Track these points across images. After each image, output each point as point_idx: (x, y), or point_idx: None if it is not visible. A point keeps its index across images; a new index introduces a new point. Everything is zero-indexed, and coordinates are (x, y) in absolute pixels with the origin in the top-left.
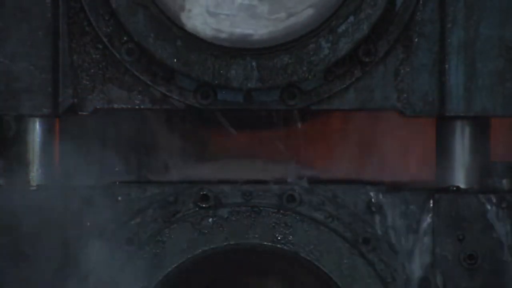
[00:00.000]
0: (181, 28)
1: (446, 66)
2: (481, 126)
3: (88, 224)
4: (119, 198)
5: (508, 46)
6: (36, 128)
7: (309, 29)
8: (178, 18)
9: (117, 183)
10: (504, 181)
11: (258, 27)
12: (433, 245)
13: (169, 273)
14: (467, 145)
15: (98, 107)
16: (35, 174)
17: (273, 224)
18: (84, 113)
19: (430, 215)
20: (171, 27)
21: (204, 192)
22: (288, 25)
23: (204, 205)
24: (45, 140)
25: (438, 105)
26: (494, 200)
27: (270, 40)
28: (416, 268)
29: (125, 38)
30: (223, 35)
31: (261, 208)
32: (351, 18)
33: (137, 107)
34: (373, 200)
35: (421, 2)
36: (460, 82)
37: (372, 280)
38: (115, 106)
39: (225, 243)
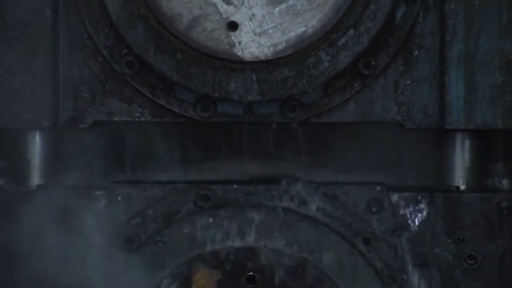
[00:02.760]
0: (241, 61)
1: (446, 78)
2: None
3: (88, 224)
4: (119, 198)
5: (508, 58)
6: (36, 140)
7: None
8: (234, 55)
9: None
10: (504, 181)
11: (308, 21)
12: (433, 245)
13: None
14: (467, 157)
15: (98, 119)
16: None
17: (274, 224)
18: (84, 126)
19: (430, 215)
20: (171, 40)
21: (204, 192)
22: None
23: (204, 205)
24: (45, 151)
25: (438, 117)
26: (494, 200)
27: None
28: (416, 268)
29: (125, 51)
30: (281, 46)
31: (261, 208)
32: (351, 31)
33: (137, 119)
34: (373, 200)
35: (421, 15)
36: (460, 95)
37: (372, 280)
38: (115, 118)
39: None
